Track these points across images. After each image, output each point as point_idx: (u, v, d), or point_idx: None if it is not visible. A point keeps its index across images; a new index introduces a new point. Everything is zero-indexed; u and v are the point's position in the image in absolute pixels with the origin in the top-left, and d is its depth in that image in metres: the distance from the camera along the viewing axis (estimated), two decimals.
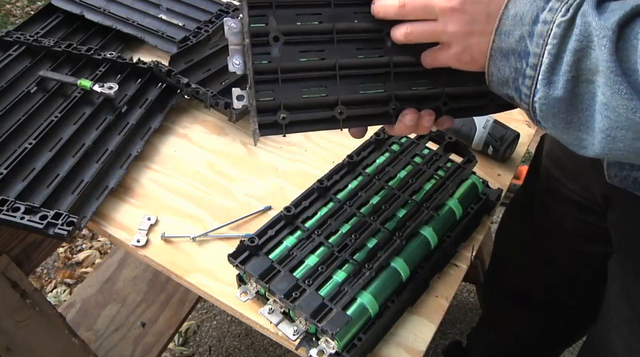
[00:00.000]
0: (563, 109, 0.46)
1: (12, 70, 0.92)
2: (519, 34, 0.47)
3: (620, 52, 0.42)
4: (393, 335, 0.67)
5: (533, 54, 0.46)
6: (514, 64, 0.48)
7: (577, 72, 0.45)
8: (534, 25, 0.46)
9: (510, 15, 0.48)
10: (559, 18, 0.45)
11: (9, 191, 0.74)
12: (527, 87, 0.48)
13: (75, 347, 0.99)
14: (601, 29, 0.42)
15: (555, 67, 0.45)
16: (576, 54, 0.44)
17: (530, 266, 0.97)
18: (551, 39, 0.45)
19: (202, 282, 0.71)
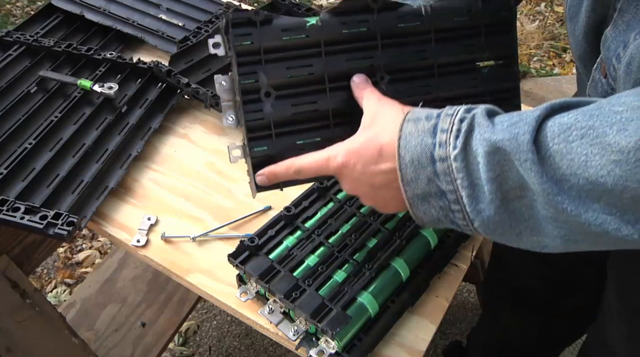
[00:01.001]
0: (507, 227, 0.44)
1: (12, 70, 0.92)
2: (425, 177, 0.46)
3: (547, 168, 0.40)
4: (393, 335, 0.67)
5: (448, 191, 0.45)
6: (437, 203, 0.47)
7: (502, 195, 0.43)
8: (433, 165, 0.45)
9: (407, 163, 0.46)
10: (452, 152, 0.44)
11: (9, 191, 0.74)
12: (461, 220, 0.46)
13: (75, 347, 0.99)
14: (518, 152, 0.40)
15: (477, 196, 0.44)
16: (495, 182, 0.42)
17: (529, 265, 0.97)
18: (456, 173, 0.44)
19: (202, 282, 0.71)
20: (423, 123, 0.47)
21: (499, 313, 1.14)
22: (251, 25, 0.53)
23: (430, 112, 0.47)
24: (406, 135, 0.47)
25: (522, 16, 2.61)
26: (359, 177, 0.51)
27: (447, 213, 0.47)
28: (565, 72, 2.35)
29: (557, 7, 2.69)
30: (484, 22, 0.60)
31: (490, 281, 1.19)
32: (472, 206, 0.44)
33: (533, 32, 2.49)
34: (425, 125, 0.46)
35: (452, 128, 0.44)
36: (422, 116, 0.47)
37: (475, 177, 0.43)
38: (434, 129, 0.45)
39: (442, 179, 0.45)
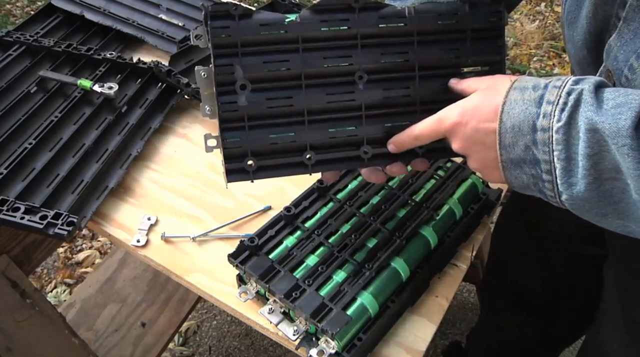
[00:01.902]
0: (594, 205, 0.45)
1: (12, 70, 0.92)
2: (522, 144, 0.47)
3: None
4: (393, 335, 0.67)
5: (543, 161, 0.46)
6: (529, 171, 0.48)
7: (597, 173, 0.43)
8: (534, 133, 0.46)
9: (508, 128, 0.47)
10: (555, 124, 0.44)
11: (9, 191, 0.74)
12: (549, 190, 0.47)
13: (75, 347, 0.99)
14: (617, 136, 0.41)
15: (571, 170, 0.45)
16: (591, 159, 0.43)
17: (527, 266, 0.97)
18: (555, 145, 0.44)
19: (202, 282, 0.71)
20: (530, 92, 0.47)
21: (498, 314, 1.14)
22: (230, 18, 0.54)
23: (538, 82, 0.48)
24: (511, 102, 0.48)
25: (522, 16, 2.61)
26: (472, 134, 0.51)
27: (537, 181, 0.48)
28: (565, 72, 2.35)
29: (557, 7, 2.69)
30: (470, 27, 0.60)
31: (489, 282, 1.19)
32: (564, 178, 0.45)
33: (533, 32, 2.48)
34: (531, 94, 0.47)
35: (558, 101, 0.45)
36: (529, 85, 0.48)
37: (573, 151, 0.44)
38: (540, 99, 0.46)
39: (540, 148, 0.46)
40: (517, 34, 2.48)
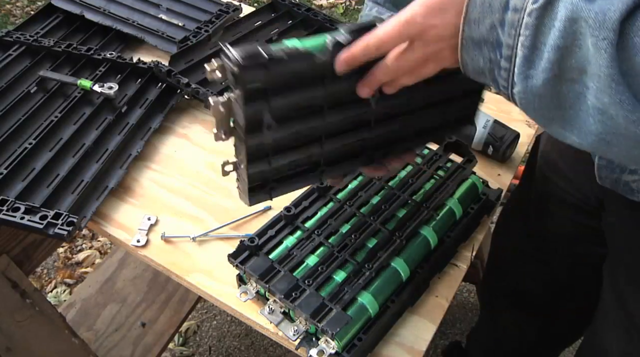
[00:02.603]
0: (544, 105, 0.42)
1: (12, 70, 0.92)
2: (489, 22, 0.42)
3: (620, 54, 0.37)
4: (393, 335, 0.67)
5: (506, 44, 0.42)
6: (488, 54, 0.44)
7: (559, 70, 0.40)
8: (504, 12, 0.41)
9: (478, 2, 0.43)
10: (529, 5, 0.40)
11: (9, 191, 0.75)
12: (503, 79, 0.44)
13: (75, 347, 0.99)
14: (600, 28, 0.37)
15: (532, 60, 0.41)
16: (559, 51, 0.39)
17: (527, 266, 0.97)
18: (523, 29, 0.40)
19: (202, 282, 0.71)
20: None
21: (498, 314, 1.14)
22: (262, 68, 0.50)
23: None
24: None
25: None
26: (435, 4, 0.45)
27: (493, 67, 0.44)
28: None
29: None
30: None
31: (489, 282, 1.19)
32: (522, 68, 0.42)
33: None
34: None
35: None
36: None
37: (541, 40, 0.40)
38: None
39: (506, 30, 0.42)
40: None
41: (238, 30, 1.05)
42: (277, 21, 1.08)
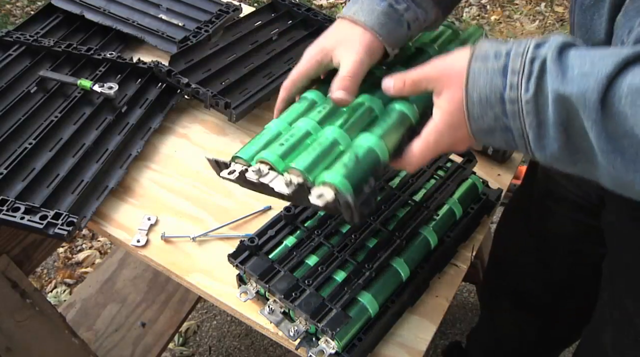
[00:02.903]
0: (566, 159, 0.46)
1: (12, 70, 0.92)
2: (492, 115, 0.47)
3: (607, 125, 0.41)
4: (393, 335, 0.67)
5: (515, 128, 0.46)
6: (501, 136, 0.48)
7: (567, 137, 0.44)
8: (502, 105, 0.45)
9: (475, 101, 0.47)
10: (523, 95, 0.44)
11: (9, 191, 0.74)
12: (523, 149, 0.48)
13: (75, 347, 0.99)
14: (584, 107, 0.41)
15: (542, 135, 0.45)
16: (561, 126, 0.43)
17: (528, 266, 0.97)
18: (525, 115, 0.44)
19: (202, 282, 0.71)
20: (492, 62, 0.46)
21: (498, 314, 1.14)
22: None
23: (499, 50, 0.47)
24: (474, 73, 0.47)
25: (522, 16, 2.61)
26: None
27: (509, 143, 0.48)
28: None
29: (557, 7, 2.68)
30: None
31: (489, 283, 1.19)
32: (536, 143, 0.45)
33: (533, 32, 2.48)
34: (494, 64, 0.46)
35: (523, 70, 0.44)
36: (491, 54, 0.47)
37: (544, 118, 0.44)
38: (504, 69, 0.45)
39: (510, 118, 0.45)
40: (517, 34, 2.48)
41: (238, 30, 1.05)
42: (277, 21, 1.08)
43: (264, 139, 0.58)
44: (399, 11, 0.60)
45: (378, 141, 0.54)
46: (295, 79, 0.62)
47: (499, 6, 2.70)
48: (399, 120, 0.56)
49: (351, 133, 0.56)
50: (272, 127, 0.59)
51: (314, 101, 0.61)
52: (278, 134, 0.58)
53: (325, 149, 0.54)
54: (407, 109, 0.57)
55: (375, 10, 0.59)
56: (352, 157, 0.53)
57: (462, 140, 0.51)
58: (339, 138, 0.55)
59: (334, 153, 0.54)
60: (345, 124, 0.56)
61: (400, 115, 0.57)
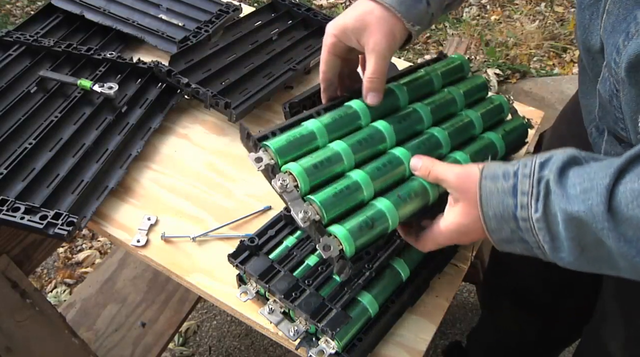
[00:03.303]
0: (586, 267, 0.48)
1: (12, 70, 0.92)
2: (508, 229, 0.50)
3: (623, 231, 0.43)
4: (393, 335, 0.67)
5: (531, 242, 0.49)
6: (520, 245, 0.51)
7: (581, 247, 0.46)
8: (516, 222, 0.49)
9: (490, 216, 0.50)
10: (533, 214, 0.47)
11: (9, 191, 0.74)
12: (543, 257, 0.50)
13: (75, 347, 0.99)
14: (594, 221, 0.43)
15: (557, 247, 0.48)
16: (574, 240, 0.46)
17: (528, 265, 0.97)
18: (538, 231, 0.48)
19: (202, 282, 0.71)
20: (501, 182, 0.50)
21: (499, 314, 1.14)
22: None
23: (507, 170, 0.50)
24: (487, 194, 0.50)
25: (522, 16, 2.61)
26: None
27: (530, 251, 0.51)
28: (565, 72, 2.35)
29: (557, 7, 2.68)
30: None
31: (489, 282, 1.19)
32: (553, 254, 0.49)
33: (533, 32, 2.48)
34: (504, 184, 0.49)
35: (532, 191, 0.47)
36: (499, 174, 0.50)
37: (556, 233, 0.47)
38: (514, 189, 0.49)
39: (525, 233, 0.49)
40: (517, 34, 2.48)
41: (238, 30, 1.05)
42: (277, 21, 1.08)
43: (297, 136, 0.59)
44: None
45: (395, 213, 0.57)
46: (324, 59, 0.63)
47: (499, 6, 2.70)
48: (420, 196, 0.59)
49: (377, 185, 0.58)
50: (309, 126, 0.60)
51: (356, 114, 0.63)
52: (312, 135, 0.59)
53: (349, 192, 0.57)
54: (430, 188, 0.60)
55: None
56: (368, 221, 0.55)
57: (473, 238, 0.56)
58: (365, 186, 0.57)
59: (355, 200, 0.57)
60: (375, 176, 0.58)
61: (422, 191, 0.60)
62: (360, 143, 0.60)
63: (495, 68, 2.30)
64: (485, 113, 0.71)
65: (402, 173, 0.61)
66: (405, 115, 0.65)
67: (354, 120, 0.63)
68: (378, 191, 0.58)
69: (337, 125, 0.61)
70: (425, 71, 0.72)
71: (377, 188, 0.58)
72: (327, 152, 0.58)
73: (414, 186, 0.59)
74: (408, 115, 0.65)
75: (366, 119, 0.64)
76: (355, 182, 0.57)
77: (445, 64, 0.75)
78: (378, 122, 0.63)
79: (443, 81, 0.72)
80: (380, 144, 0.62)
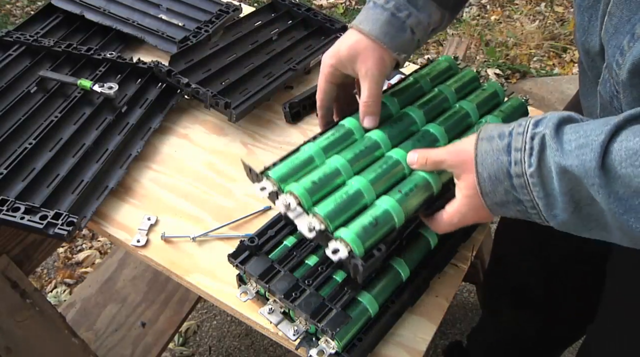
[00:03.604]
0: (579, 226, 0.49)
1: (12, 70, 0.92)
2: (502, 189, 0.50)
3: (613, 186, 0.43)
4: (393, 335, 0.67)
5: (525, 200, 0.50)
6: (514, 207, 0.51)
7: (575, 203, 0.47)
8: (510, 179, 0.49)
9: (485, 178, 0.51)
10: (527, 169, 0.48)
11: (9, 191, 0.74)
12: (537, 218, 0.51)
13: (75, 347, 0.99)
14: (586, 176, 0.44)
15: (552, 204, 0.48)
16: (568, 194, 0.46)
17: (529, 265, 0.97)
18: (532, 187, 0.48)
19: (202, 282, 0.71)
20: (496, 142, 0.50)
21: (499, 313, 1.14)
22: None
23: (502, 130, 0.51)
24: (482, 153, 0.51)
25: (522, 16, 2.61)
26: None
27: (524, 213, 0.52)
28: (565, 72, 2.35)
29: (557, 7, 2.69)
30: None
31: (490, 281, 1.19)
32: (547, 211, 0.49)
33: (533, 32, 2.48)
34: (498, 144, 0.50)
35: (525, 146, 0.48)
36: (495, 135, 0.51)
37: (550, 188, 0.47)
38: (508, 147, 0.49)
39: (519, 191, 0.49)
40: (517, 34, 2.48)
41: (238, 30, 1.05)
42: (277, 21, 1.08)
43: (296, 162, 0.62)
44: (401, 18, 0.65)
45: (399, 209, 0.58)
46: (322, 87, 0.68)
47: (499, 6, 2.70)
48: (422, 188, 0.60)
49: (377, 188, 0.60)
50: (306, 150, 0.63)
51: (350, 131, 0.65)
52: (310, 159, 0.62)
53: (350, 199, 0.58)
54: (431, 179, 0.61)
55: (378, 20, 0.64)
56: (372, 220, 0.57)
57: (485, 217, 0.56)
58: (365, 191, 0.59)
59: (357, 204, 0.58)
60: (374, 180, 0.60)
61: (425, 183, 0.61)
62: (356, 155, 0.62)
63: (495, 68, 2.30)
64: (481, 102, 0.72)
65: (402, 172, 0.62)
66: (397, 119, 0.67)
67: (349, 137, 0.65)
68: (380, 193, 0.60)
69: (333, 145, 0.64)
70: (414, 78, 0.73)
71: (378, 191, 0.60)
72: (325, 168, 0.61)
73: (415, 180, 0.60)
74: (400, 118, 0.67)
75: (359, 133, 0.66)
76: (357, 190, 0.59)
77: (432, 67, 0.76)
78: (372, 132, 0.65)
79: (432, 84, 0.74)
80: (377, 151, 0.64)
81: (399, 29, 0.65)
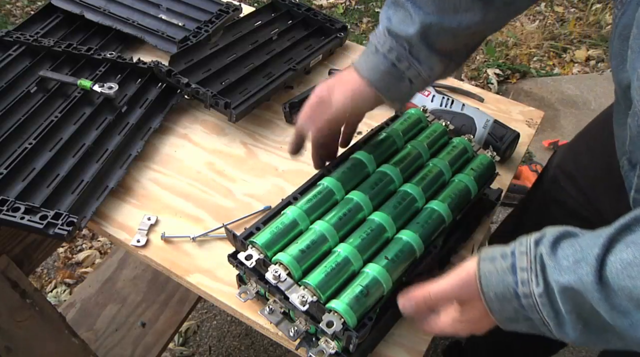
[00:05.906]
0: (594, 340, 0.48)
1: (12, 70, 0.92)
2: (511, 308, 0.50)
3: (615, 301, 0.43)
4: (393, 335, 0.67)
5: (535, 319, 0.49)
6: (525, 324, 0.51)
7: (583, 321, 0.46)
8: (518, 299, 0.48)
9: (492, 297, 0.50)
10: (535, 289, 0.47)
11: (9, 191, 0.74)
12: (549, 334, 0.50)
13: (75, 347, 0.99)
14: (585, 291, 0.43)
15: (561, 323, 0.47)
16: (572, 313, 0.46)
17: None
18: (542, 307, 0.47)
19: (202, 282, 0.71)
20: (500, 262, 0.50)
21: None
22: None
23: (504, 251, 0.50)
24: (486, 275, 0.50)
25: (522, 16, 2.61)
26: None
27: (535, 329, 0.51)
28: (566, 72, 2.35)
29: (557, 7, 2.69)
30: None
31: None
32: (558, 331, 0.48)
33: (533, 32, 2.49)
34: (502, 264, 0.49)
35: (531, 266, 0.48)
36: (497, 255, 0.51)
37: (557, 310, 0.47)
38: (513, 267, 0.49)
39: (528, 310, 0.49)
40: (517, 34, 2.48)
41: (238, 30, 1.05)
42: (277, 21, 1.08)
43: (280, 226, 0.63)
44: (400, 69, 0.65)
45: (386, 276, 0.60)
46: (307, 113, 0.69)
47: None
48: (406, 253, 0.63)
49: (364, 254, 0.62)
50: (289, 215, 0.64)
51: (330, 191, 0.67)
52: (294, 223, 0.64)
53: (339, 268, 0.60)
54: (414, 242, 0.63)
55: (378, 69, 0.66)
56: (362, 289, 0.58)
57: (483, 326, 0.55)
58: (353, 259, 0.61)
59: (347, 273, 0.60)
60: (360, 246, 0.62)
61: (409, 248, 0.63)
62: (340, 219, 0.64)
63: (495, 68, 2.30)
64: (452, 159, 0.74)
65: (386, 235, 0.65)
66: (377, 181, 0.69)
67: (330, 197, 0.67)
68: (366, 259, 0.62)
69: (315, 207, 0.66)
70: (387, 133, 0.75)
71: (364, 257, 0.62)
72: (311, 235, 0.62)
73: (399, 246, 0.63)
74: (380, 179, 0.69)
75: (340, 193, 0.68)
76: (345, 258, 0.61)
77: (403, 121, 0.78)
78: (353, 193, 0.67)
79: (404, 138, 0.76)
80: (359, 214, 0.66)
81: (398, 79, 0.66)
